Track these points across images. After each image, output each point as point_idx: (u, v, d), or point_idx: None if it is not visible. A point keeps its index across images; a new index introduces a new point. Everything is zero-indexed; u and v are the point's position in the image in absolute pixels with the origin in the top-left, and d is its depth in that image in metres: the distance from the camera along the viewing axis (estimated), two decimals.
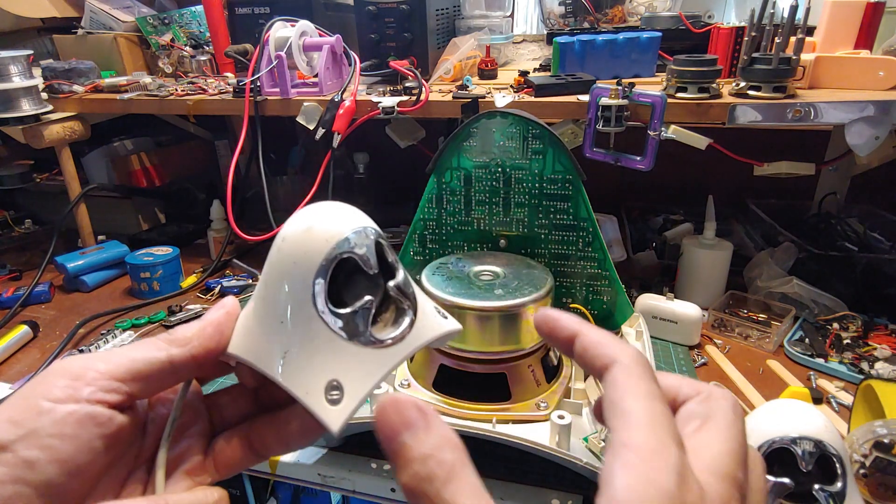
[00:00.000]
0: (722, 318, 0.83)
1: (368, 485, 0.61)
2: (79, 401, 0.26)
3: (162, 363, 0.28)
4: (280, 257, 0.29)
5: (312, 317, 0.28)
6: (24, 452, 0.24)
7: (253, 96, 0.92)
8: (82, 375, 0.26)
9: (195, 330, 0.29)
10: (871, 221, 0.98)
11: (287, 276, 0.29)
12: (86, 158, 1.19)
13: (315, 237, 0.28)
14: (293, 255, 0.28)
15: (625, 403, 0.21)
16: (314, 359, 0.28)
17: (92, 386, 0.26)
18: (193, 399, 0.31)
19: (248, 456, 0.31)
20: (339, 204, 0.31)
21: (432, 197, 0.77)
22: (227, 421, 0.32)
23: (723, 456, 0.21)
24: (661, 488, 0.19)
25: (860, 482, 0.52)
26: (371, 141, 1.21)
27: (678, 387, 0.25)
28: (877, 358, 0.74)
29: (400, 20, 0.94)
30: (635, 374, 0.22)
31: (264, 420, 0.31)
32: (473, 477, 0.21)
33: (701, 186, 1.00)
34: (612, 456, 0.20)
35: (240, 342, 0.29)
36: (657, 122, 0.76)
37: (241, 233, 0.94)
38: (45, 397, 0.25)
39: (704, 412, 0.23)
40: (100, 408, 0.26)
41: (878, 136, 0.73)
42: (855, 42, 0.84)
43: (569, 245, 0.74)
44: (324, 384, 0.28)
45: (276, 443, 0.31)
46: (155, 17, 1.16)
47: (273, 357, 0.28)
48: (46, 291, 0.98)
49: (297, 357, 0.28)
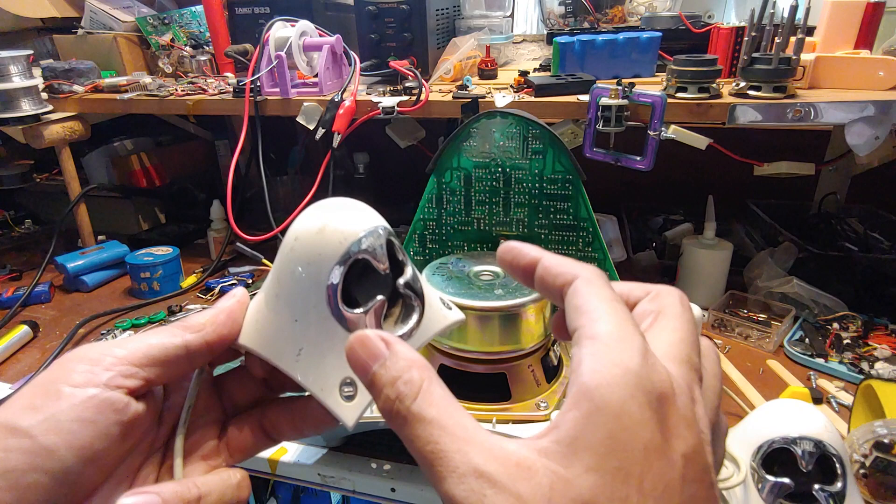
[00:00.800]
0: (722, 318, 0.83)
1: (368, 485, 0.61)
2: (98, 385, 0.26)
3: (178, 349, 0.28)
4: (293, 256, 0.29)
5: (326, 317, 0.29)
6: (43, 438, 0.24)
7: (253, 96, 0.92)
8: (100, 360, 0.26)
9: (208, 317, 0.29)
10: (871, 221, 0.98)
11: (300, 276, 0.29)
12: (86, 158, 1.19)
13: (328, 238, 0.28)
14: (306, 256, 0.29)
15: (589, 305, 0.23)
16: (328, 357, 0.29)
17: (111, 371, 0.26)
18: (206, 386, 0.32)
19: (262, 441, 0.32)
20: (351, 201, 0.31)
21: (432, 197, 0.77)
22: (237, 405, 0.33)
23: (677, 343, 0.23)
24: (628, 368, 0.20)
25: (860, 482, 0.52)
26: (371, 141, 1.21)
27: (629, 290, 0.26)
28: (877, 358, 0.74)
29: (400, 20, 0.94)
30: (596, 283, 0.24)
31: (277, 407, 0.32)
32: (441, 390, 0.22)
33: (701, 186, 1.00)
34: (578, 348, 0.21)
35: (253, 335, 0.30)
36: (657, 122, 0.76)
37: (241, 233, 0.94)
38: (64, 382, 0.25)
39: (655, 308, 0.25)
40: (118, 393, 0.26)
41: (878, 136, 0.73)
42: (855, 42, 0.84)
43: (569, 245, 0.74)
44: (338, 381, 0.29)
45: (290, 430, 0.32)
46: (155, 17, 1.15)
47: (287, 353, 0.29)
48: (46, 291, 0.98)
49: (312, 355, 0.29)
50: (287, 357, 0.29)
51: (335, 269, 0.28)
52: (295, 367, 0.29)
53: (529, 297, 0.60)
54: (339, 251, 0.28)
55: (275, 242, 1.09)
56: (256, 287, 0.99)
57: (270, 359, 0.29)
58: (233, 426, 0.31)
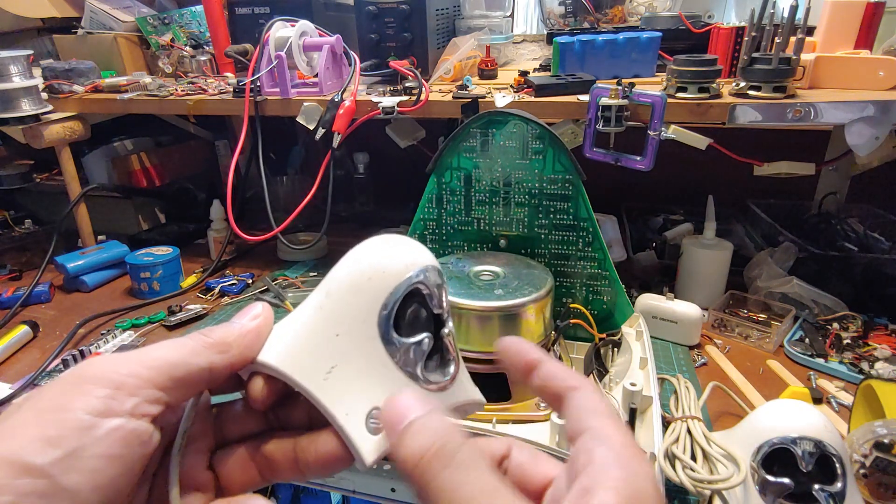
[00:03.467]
0: (722, 318, 0.83)
1: (368, 485, 0.61)
2: (122, 415, 0.22)
3: (201, 371, 0.25)
4: (353, 270, 0.29)
5: (372, 336, 0.28)
6: (64, 479, 0.20)
7: (253, 96, 0.92)
8: (123, 385, 0.23)
9: (235, 336, 0.26)
10: (871, 221, 0.98)
11: (357, 289, 0.28)
12: (86, 158, 1.19)
13: (395, 260, 0.29)
14: (369, 272, 0.28)
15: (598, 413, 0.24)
16: (361, 380, 0.27)
17: (136, 397, 0.23)
18: (202, 409, 0.28)
19: (252, 479, 0.28)
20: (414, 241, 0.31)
21: (432, 197, 0.77)
22: (227, 437, 0.29)
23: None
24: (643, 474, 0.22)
25: (860, 482, 0.52)
26: (371, 141, 1.21)
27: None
28: (877, 358, 0.74)
29: (400, 20, 0.94)
30: (597, 397, 0.26)
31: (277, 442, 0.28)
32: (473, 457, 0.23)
33: (701, 186, 1.00)
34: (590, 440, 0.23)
35: (277, 353, 0.27)
36: (657, 122, 0.76)
37: (241, 233, 0.94)
38: (82, 409, 0.21)
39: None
40: (144, 423, 0.23)
41: (878, 136, 0.73)
42: (855, 42, 0.84)
43: (569, 245, 0.75)
44: (367, 409, 0.27)
45: (288, 469, 0.28)
46: (155, 17, 1.16)
47: (316, 371, 0.27)
48: (46, 291, 0.98)
49: (344, 374, 0.27)
50: (314, 375, 0.26)
51: (395, 291, 0.28)
52: (321, 386, 0.26)
53: (529, 297, 0.60)
54: (403, 274, 0.28)
55: (275, 242, 1.09)
56: (255, 287, 0.99)
57: (293, 376, 0.26)
58: (222, 459, 0.28)
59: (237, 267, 1.10)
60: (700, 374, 0.74)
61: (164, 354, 0.24)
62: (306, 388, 0.26)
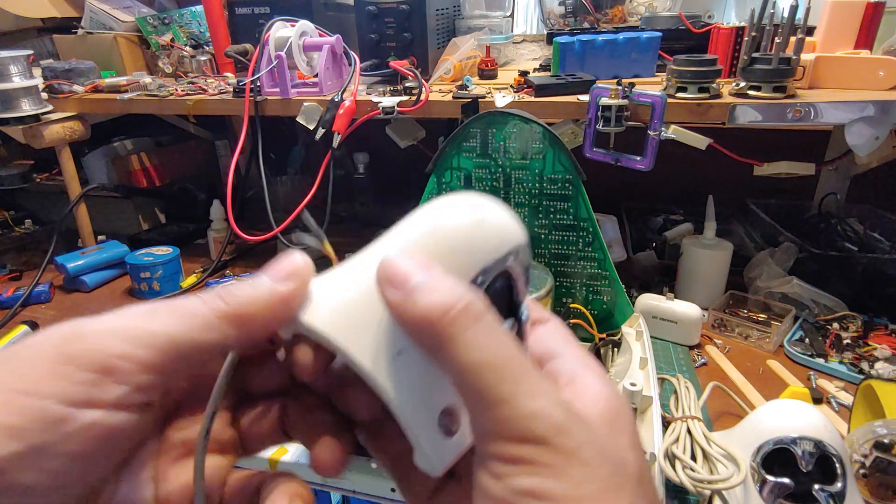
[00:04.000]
0: (722, 318, 0.83)
1: (368, 485, 0.61)
2: (104, 406, 0.19)
3: (212, 347, 0.21)
4: (436, 239, 0.23)
5: None
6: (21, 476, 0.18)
7: (253, 96, 0.92)
8: (114, 369, 0.19)
9: (261, 304, 0.21)
10: (871, 221, 0.98)
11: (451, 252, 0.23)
12: (86, 158, 1.19)
13: (487, 233, 0.23)
14: (453, 242, 0.23)
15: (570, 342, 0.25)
16: (433, 371, 0.21)
17: (125, 385, 0.19)
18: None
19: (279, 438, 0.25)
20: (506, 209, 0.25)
21: (432, 197, 0.77)
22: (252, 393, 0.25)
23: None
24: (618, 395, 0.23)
25: (860, 482, 0.52)
26: (371, 141, 1.21)
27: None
28: (877, 358, 0.74)
29: (400, 20, 0.94)
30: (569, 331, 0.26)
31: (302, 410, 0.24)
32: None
33: (701, 186, 1.00)
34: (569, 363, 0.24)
35: (329, 318, 0.21)
36: (657, 122, 0.76)
37: (241, 233, 0.94)
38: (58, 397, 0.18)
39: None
40: (128, 415, 0.20)
41: (878, 136, 0.73)
42: (855, 42, 0.84)
43: (569, 245, 0.75)
44: (441, 406, 0.22)
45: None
46: (155, 17, 1.16)
47: (382, 353, 0.21)
48: (46, 291, 0.98)
49: (416, 363, 0.22)
50: (379, 358, 0.21)
51: (485, 269, 0.23)
52: (388, 373, 0.21)
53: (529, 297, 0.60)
54: (496, 250, 0.23)
55: (275, 242, 1.09)
56: None
57: (348, 351, 0.21)
58: (246, 416, 0.24)
59: (237, 267, 1.10)
60: (700, 374, 0.74)
61: (168, 328, 0.20)
62: (365, 371, 0.21)
